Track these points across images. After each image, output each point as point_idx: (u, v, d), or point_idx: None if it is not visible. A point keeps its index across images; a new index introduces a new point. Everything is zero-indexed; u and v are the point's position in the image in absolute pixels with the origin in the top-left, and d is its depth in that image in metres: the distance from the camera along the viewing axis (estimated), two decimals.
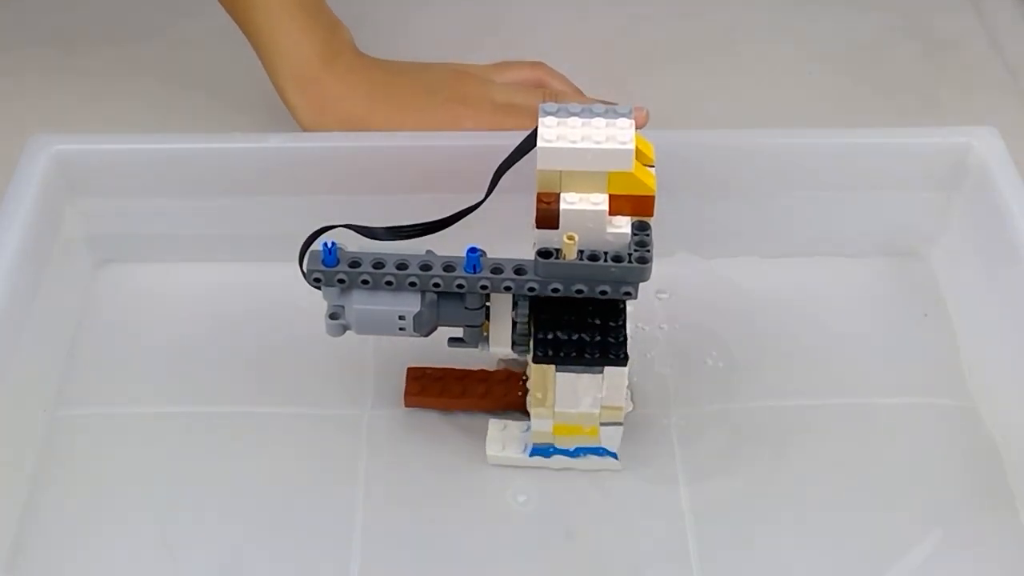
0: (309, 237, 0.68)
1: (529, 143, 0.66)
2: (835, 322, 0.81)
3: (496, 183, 0.69)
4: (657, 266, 0.66)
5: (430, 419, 0.77)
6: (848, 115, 0.99)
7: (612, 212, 0.65)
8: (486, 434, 0.74)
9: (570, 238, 0.64)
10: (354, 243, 0.68)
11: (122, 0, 1.12)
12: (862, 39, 1.08)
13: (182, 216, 0.84)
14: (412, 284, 0.67)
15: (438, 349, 0.73)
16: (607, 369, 0.69)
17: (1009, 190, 0.79)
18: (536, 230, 0.66)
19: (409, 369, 0.77)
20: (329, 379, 0.79)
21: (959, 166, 0.82)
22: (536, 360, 0.69)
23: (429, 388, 0.77)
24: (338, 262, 0.67)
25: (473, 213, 0.68)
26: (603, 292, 0.66)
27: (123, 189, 0.83)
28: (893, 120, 0.98)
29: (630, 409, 0.74)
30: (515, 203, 0.68)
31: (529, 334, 0.69)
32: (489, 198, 0.68)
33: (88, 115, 0.99)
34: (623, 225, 0.65)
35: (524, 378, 0.75)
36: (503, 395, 0.76)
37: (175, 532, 0.71)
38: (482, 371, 0.77)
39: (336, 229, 0.68)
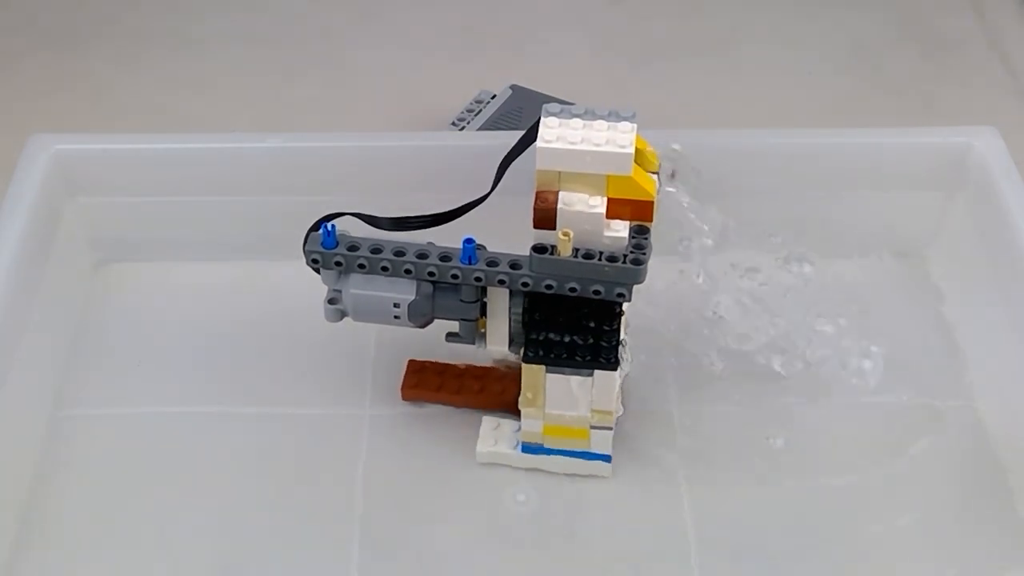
0: (315, 223, 0.68)
1: (532, 136, 0.65)
2: (834, 321, 0.81)
3: (501, 176, 0.69)
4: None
5: (430, 417, 0.77)
6: (848, 115, 0.99)
7: (610, 216, 0.65)
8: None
9: (565, 234, 0.64)
10: (361, 234, 0.68)
11: (122, 0, 1.12)
12: (862, 39, 1.08)
13: (182, 216, 0.84)
14: (408, 271, 0.67)
15: (440, 349, 0.73)
16: (597, 372, 0.69)
17: (1009, 190, 0.79)
18: (535, 230, 0.66)
19: (410, 362, 0.78)
20: (329, 378, 0.79)
21: (959, 166, 0.82)
22: (527, 360, 0.69)
23: (426, 381, 0.77)
24: (337, 245, 0.67)
25: (481, 211, 0.68)
26: (596, 292, 0.66)
27: (123, 189, 0.83)
28: (893, 120, 0.98)
29: (620, 414, 0.74)
30: (522, 203, 0.68)
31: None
32: (499, 199, 0.68)
33: (88, 115, 1.00)
34: (621, 229, 0.65)
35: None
36: (499, 393, 0.76)
37: (175, 532, 0.71)
38: (480, 368, 0.77)
39: (343, 219, 0.68)
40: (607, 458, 0.73)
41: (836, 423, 0.76)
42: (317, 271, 0.69)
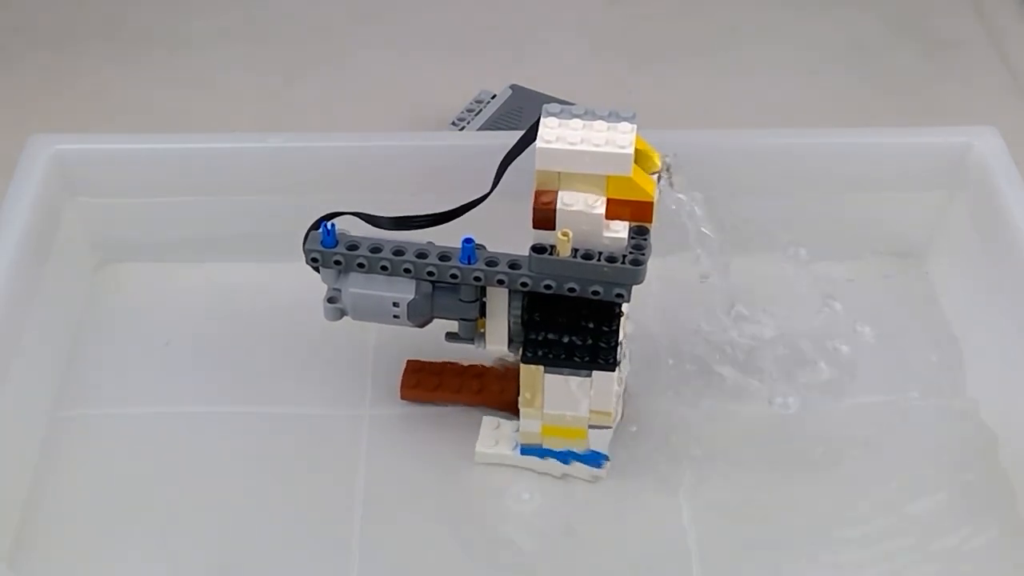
0: (315, 222, 0.68)
1: (532, 136, 0.66)
2: (835, 321, 0.81)
3: (501, 175, 0.69)
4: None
5: (430, 417, 0.77)
6: (848, 115, 0.99)
7: (610, 216, 0.65)
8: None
9: (564, 235, 0.64)
10: (361, 233, 0.69)
11: (122, 0, 1.12)
12: (862, 39, 1.08)
13: (182, 216, 0.84)
14: (407, 271, 0.67)
15: (439, 348, 0.73)
16: (596, 373, 0.68)
17: (1009, 190, 0.79)
18: (534, 230, 0.66)
19: (408, 362, 0.78)
20: (329, 378, 0.79)
21: (959, 166, 0.82)
22: (525, 360, 0.69)
23: (425, 381, 0.77)
24: (336, 244, 0.67)
25: (481, 211, 0.68)
26: (595, 292, 0.66)
27: (123, 189, 0.83)
28: (893, 120, 0.98)
29: (619, 418, 0.74)
30: (522, 203, 0.68)
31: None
32: (499, 199, 0.68)
33: (88, 115, 1.00)
34: (620, 230, 0.65)
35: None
36: (499, 392, 0.76)
37: (175, 532, 0.71)
38: (479, 367, 0.77)
39: (344, 218, 0.68)
40: (606, 458, 0.73)
41: (836, 422, 0.76)
42: (317, 270, 0.69)
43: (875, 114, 0.99)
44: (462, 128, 0.94)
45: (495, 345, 0.71)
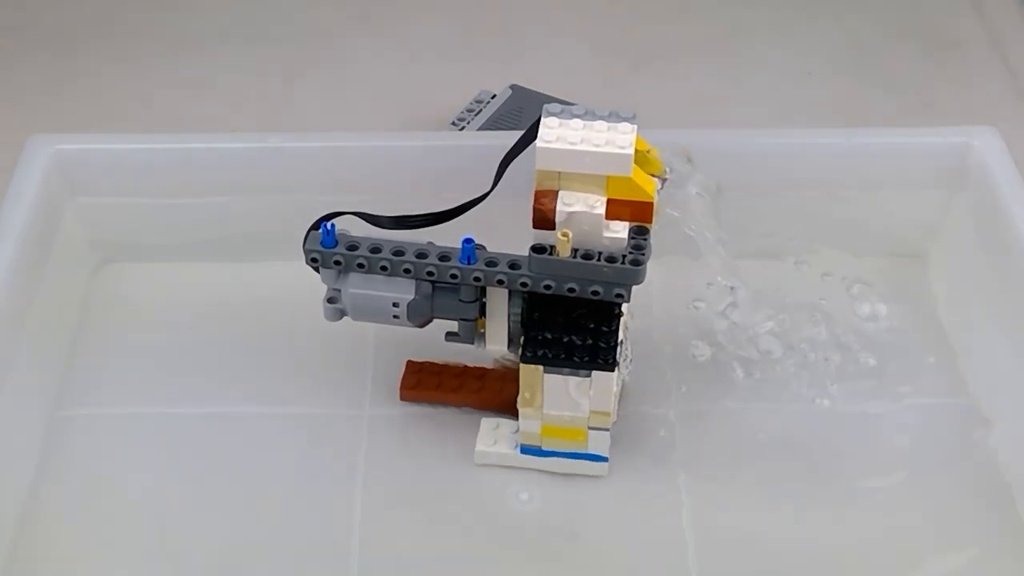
0: (315, 222, 0.68)
1: (532, 135, 0.66)
2: (834, 321, 0.81)
3: (501, 175, 0.69)
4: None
5: (429, 417, 0.77)
6: (848, 115, 0.99)
7: (610, 216, 0.65)
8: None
9: (564, 235, 0.64)
10: (361, 233, 0.69)
11: (122, 0, 1.12)
12: (862, 39, 1.08)
13: (182, 216, 0.84)
14: (407, 271, 0.67)
15: (439, 349, 0.73)
16: (595, 373, 0.68)
17: (1009, 190, 0.79)
18: (534, 230, 0.66)
19: (408, 362, 0.78)
20: (329, 379, 0.79)
21: (959, 166, 0.82)
22: (524, 360, 0.69)
23: (425, 381, 0.77)
24: (336, 244, 0.67)
25: (481, 211, 0.68)
26: (595, 292, 0.66)
27: (123, 189, 0.83)
28: (893, 120, 0.98)
29: (616, 419, 0.74)
30: (522, 203, 0.68)
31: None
32: (499, 199, 0.68)
33: (88, 115, 1.00)
34: (620, 230, 0.65)
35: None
36: (498, 393, 0.76)
37: (175, 532, 0.71)
38: (479, 368, 0.77)
39: (344, 218, 0.68)
40: (604, 459, 0.73)
41: (836, 421, 0.76)
42: (317, 270, 0.69)
43: (875, 114, 0.99)
44: (462, 128, 0.94)
45: (495, 345, 0.71)
